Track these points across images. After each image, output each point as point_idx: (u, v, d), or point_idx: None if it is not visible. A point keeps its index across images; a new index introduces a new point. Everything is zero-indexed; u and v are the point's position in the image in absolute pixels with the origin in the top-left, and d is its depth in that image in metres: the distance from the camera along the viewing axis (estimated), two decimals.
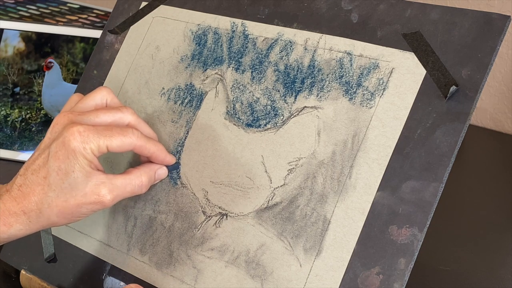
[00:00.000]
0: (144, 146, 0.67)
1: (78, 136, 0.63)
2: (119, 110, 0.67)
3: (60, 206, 0.64)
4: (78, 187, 0.63)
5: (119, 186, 0.65)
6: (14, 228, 0.65)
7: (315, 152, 0.65)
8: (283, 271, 0.63)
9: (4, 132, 1.08)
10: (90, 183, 0.64)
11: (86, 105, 0.69)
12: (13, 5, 1.58)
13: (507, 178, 1.09)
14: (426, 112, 0.61)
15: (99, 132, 0.64)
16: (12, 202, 0.64)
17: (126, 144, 0.65)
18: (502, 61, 1.28)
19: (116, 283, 0.71)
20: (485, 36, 0.61)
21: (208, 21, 0.76)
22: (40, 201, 0.64)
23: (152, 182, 0.70)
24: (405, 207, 0.60)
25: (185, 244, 0.69)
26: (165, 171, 0.71)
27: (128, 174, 0.67)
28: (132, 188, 0.67)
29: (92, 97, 0.69)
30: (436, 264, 0.84)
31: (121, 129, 0.65)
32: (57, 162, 0.63)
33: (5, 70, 1.11)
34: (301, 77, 0.68)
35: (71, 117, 0.66)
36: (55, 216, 0.64)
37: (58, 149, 0.63)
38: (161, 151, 0.69)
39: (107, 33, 0.83)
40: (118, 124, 0.67)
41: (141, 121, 0.69)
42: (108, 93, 0.70)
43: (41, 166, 0.64)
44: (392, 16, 0.66)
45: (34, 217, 0.64)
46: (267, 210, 0.66)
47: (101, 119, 0.66)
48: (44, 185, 0.64)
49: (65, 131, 0.64)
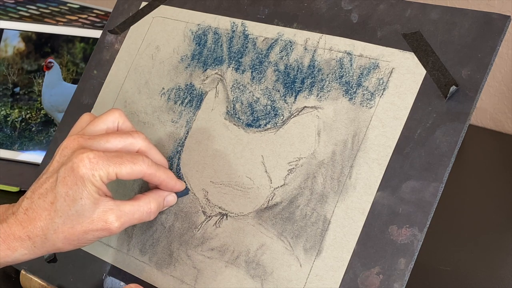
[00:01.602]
0: (154, 174, 0.65)
1: (87, 163, 0.62)
2: (130, 135, 0.66)
3: (66, 232, 0.63)
4: (85, 214, 0.62)
5: (127, 213, 0.64)
6: (19, 252, 0.64)
7: (315, 152, 0.65)
8: (283, 271, 0.63)
9: (4, 132, 1.08)
10: (98, 210, 0.63)
11: (97, 128, 0.67)
12: (13, 5, 1.58)
13: (507, 178, 1.09)
14: (426, 112, 0.61)
15: (109, 159, 0.62)
16: (17, 226, 0.63)
17: (136, 172, 0.64)
18: (502, 61, 1.28)
19: (116, 283, 0.71)
20: (485, 36, 0.61)
21: (208, 21, 0.76)
22: (46, 226, 0.63)
23: (161, 209, 0.69)
24: (405, 207, 0.60)
25: (185, 244, 0.69)
26: (174, 198, 0.69)
27: (137, 200, 0.66)
28: (140, 215, 0.65)
29: (103, 120, 0.67)
30: (436, 264, 0.84)
31: (132, 157, 0.64)
32: (65, 188, 0.62)
33: (5, 70, 1.11)
34: (301, 77, 0.68)
35: (81, 141, 0.64)
36: (60, 242, 0.63)
37: (66, 174, 0.62)
38: (170, 178, 0.68)
39: (107, 33, 0.83)
40: (128, 150, 0.65)
41: (152, 147, 0.67)
42: (120, 115, 0.68)
43: (49, 191, 0.63)
44: (392, 16, 0.66)
45: (39, 243, 0.63)
46: (267, 210, 0.66)
47: (112, 144, 0.65)
48: (51, 210, 0.63)
49: (74, 156, 0.62)
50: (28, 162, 1.04)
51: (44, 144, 1.05)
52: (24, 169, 1.03)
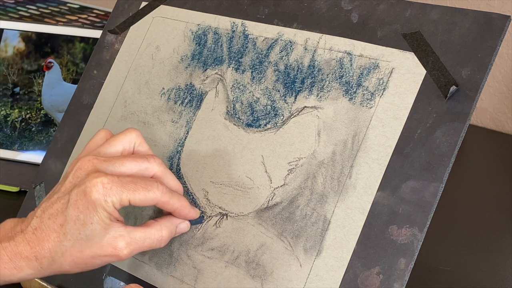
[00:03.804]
0: (167, 202, 0.64)
1: (101, 188, 0.61)
2: (146, 160, 0.64)
3: (74, 256, 0.62)
4: (95, 239, 0.61)
5: (137, 240, 0.63)
6: (25, 272, 0.63)
7: (315, 152, 0.65)
8: (283, 271, 0.63)
9: (4, 132, 1.08)
10: (108, 235, 0.61)
11: (113, 149, 0.66)
12: (13, 5, 1.58)
13: (507, 178, 1.09)
14: (426, 112, 0.61)
15: (123, 185, 0.61)
16: (25, 245, 0.62)
17: (150, 199, 0.63)
18: (502, 61, 1.28)
19: (116, 283, 0.71)
20: (485, 36, 0.61)
21: (208, 21, 0.76)
22: (54, 249, 0.62)
23: (173, 236, 0.66)
24: (405, 207, 0.60)
25: (185, 244, 0.69)
26: (187, 226, 0.67)
27: (148, 227, 0.64)
28: (151, 243, 0.64)
29: (120, 140, 0.66)
30: (436, 264, 0.84)
31: (146, 183, 0.62)
32: (76, 211, 0.61)
33: (5, 70, 1.11)
34: (301, 77, 0.68)
35: (96, 163, 0.63)
36: (67, 265, 0.62)
37: (78, 197, 0.61)
38: (184, 207, 0.66)
39: (107, 33, 0.83)
40: (143, 175, 0.64)
41: (168, 173, 0.66)
42: (138, 136, 0.66)
43: (59, 212, 0.62)
44: (392, 16, 0.66)
45: (46, 264, 0.62)
46: (267, 210, 0.66)
47: (127, 168, 0.63)
48: (60, 233, 0.62)
49: (88, 180, 0.61)
50: (28, 162, 1.04)
51: (44, 144, 1.05)
52: (24, 169, 1.03)
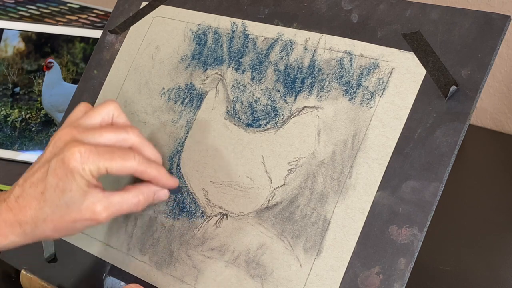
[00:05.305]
0: (144, 171, 0.66)
1: (78, 157, 0.62)
2: (124, 131, 0.66)
3: (55, 221, 0.64)
4: (74, 205, 0.63)
5: (115, 204, 0.65)
6: (10, 239, 0.65)
7: (315, 152, 0.65)
8: (283, 271, 0.63)
9: (4, 132, 1.08)
10: (87, 201, 0.63)
11: (92, 120, 0.67)
12: (13, 5, 1.58)
13: (507, 178, 1.09)
14: (426, 112, 0.61)
15: (100, 154, 0.63)
16: (8, 213, 0.65)
17: (126, 168, 0.65)
18: (502, 61, 1.28)
19: (116, 283, 0.71)
20: (485, 36, 0.61)
21: (208, 21, 0.76)
22: (36, 215, 0.64)
23: (150, 202, 0.68)
24: (405, 207, 0.60)
25: (185, 244, 0.69)
26: (165, 193, 0.69)
27: (126, 192, 0.66)
28: (128, 207, 0.66)
29: (98, 112, 0.68)
30: (436, 264, 0.84)
31: (123, 153, 0.65)
32: (55, 179, 0.63)
33: (5, 70, 1.11)
34: (301, 77, 0.68)
35: (75, 133, 0.65)
36: (50, 231, 0.65)
37: (57, 166, 0.63)
38: (162, 175, 0.68)
39: (107, 33, 0.83)
40: (121, 145, 0.66)
41: (146, 143, 0.67)
42: (116, 108, 0.68)
43: (40, 181, 0.64)
44: (392, 16, 0.66)
45: (29, 230, 0.65)
46: (267, 210, 0.66)
47: (105, 139, 0.65)
48: (41, 200, 0.64)
49: (66, 149, 0.63)
50: (28, 162, 1.04)
51: (44, 144, 1.05)
52: (24, 169, 1.02)
